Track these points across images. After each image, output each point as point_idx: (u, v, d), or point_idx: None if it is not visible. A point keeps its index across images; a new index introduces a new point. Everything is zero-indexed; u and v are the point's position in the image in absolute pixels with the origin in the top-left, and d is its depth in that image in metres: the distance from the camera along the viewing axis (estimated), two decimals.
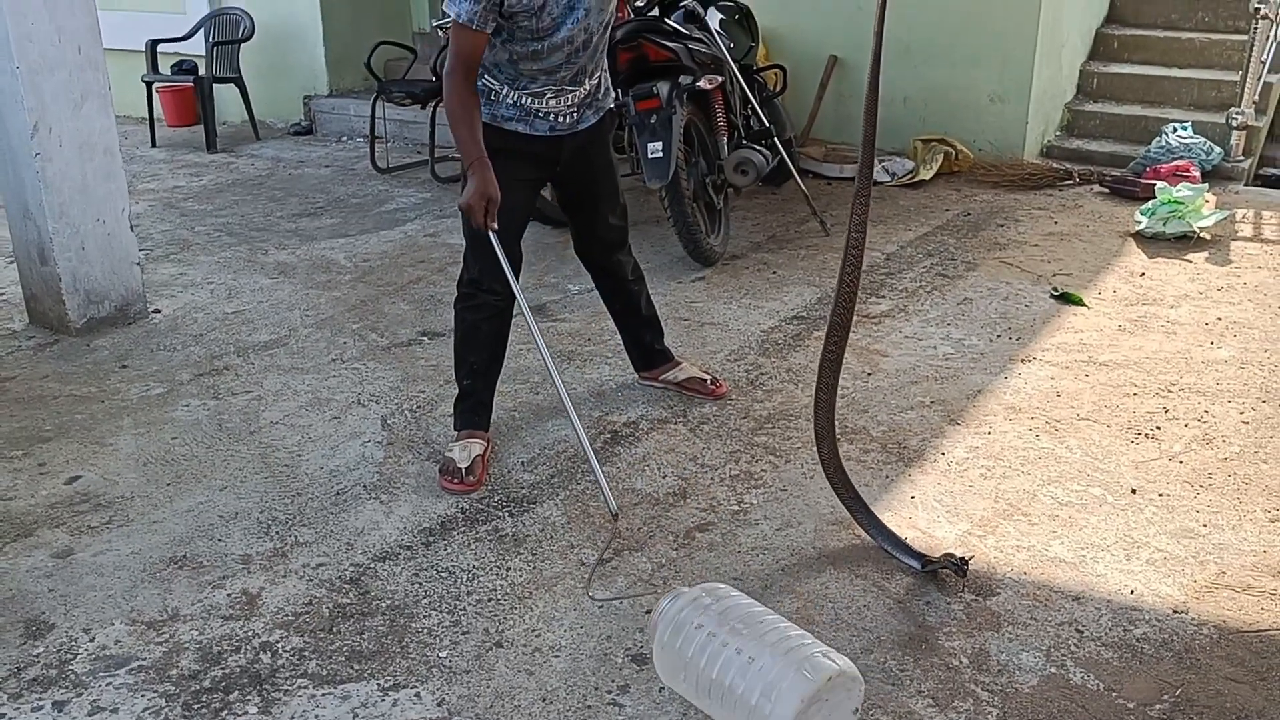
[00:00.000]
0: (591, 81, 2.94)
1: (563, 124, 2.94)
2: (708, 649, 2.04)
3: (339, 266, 4.83)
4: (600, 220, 3.19)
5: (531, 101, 2.88)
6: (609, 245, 3.25)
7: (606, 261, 3.29)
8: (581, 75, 2.89)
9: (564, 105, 2.91)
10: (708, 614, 2.09)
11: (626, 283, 3.33)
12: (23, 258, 4.07)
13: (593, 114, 3.00)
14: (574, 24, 2.75)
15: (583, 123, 2.98)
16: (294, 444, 3.20)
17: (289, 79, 7.87)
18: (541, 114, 2.90)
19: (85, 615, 2.42)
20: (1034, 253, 4.75)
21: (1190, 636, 2.30)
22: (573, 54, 2.82)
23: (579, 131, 2.98)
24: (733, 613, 2.09)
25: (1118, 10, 6.86)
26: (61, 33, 3.82)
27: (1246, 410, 3.28)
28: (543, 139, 2.93)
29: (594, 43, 2.85)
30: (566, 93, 2.89)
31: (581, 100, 2.94)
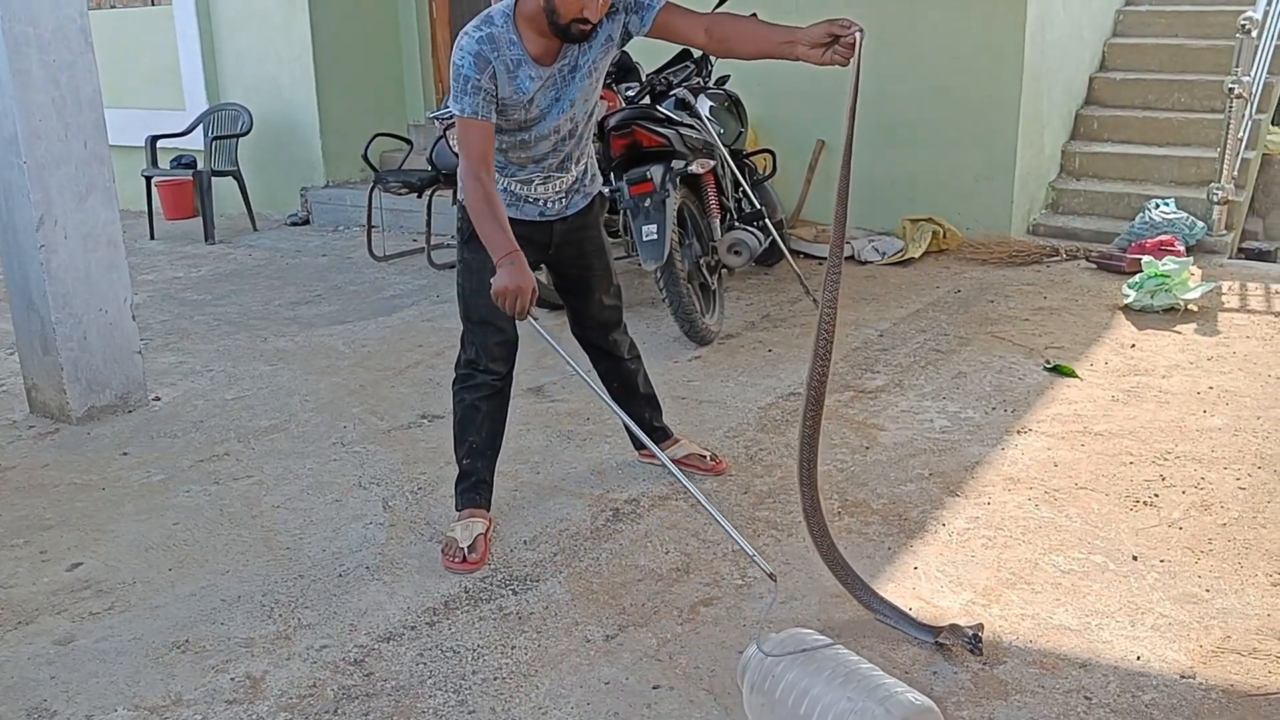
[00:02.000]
0: (578, 168, 3.02)
1: (552, 209, 3.02)
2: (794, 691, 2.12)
3: (338, 352, 4.87)
4: (595, 301, 3.25)
5: (520, 188, 2.96)
6: (605, 325, 3.31)
7: (603, 341, 3.33)
8: (568, 162, 2.97)
9: (551, 192, 2.99)
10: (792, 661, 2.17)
11: (624, 361, 3.37)
12: (25, 348, 4.11)
13: (581, 198, 3.07)
14: (559, 114, 2.84)
15: (571, 208, 3.05)
16: (295, 527, 3.21)
17: (286, 171, 8.02)
18: (530, 200, 2.98)
19: (88, 702, 2.40)
20: (1025, 327, 4.81)
21: (1199, 701, 2.29)
22: (559, 143, 2.90)
23: (568, 216, 3.05)
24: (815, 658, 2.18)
25: (1096, 93, 7.04)
26: (69, 129, 3.92)
27: (1243, 476, 3.31)
28: (532, 223, 3.00)
29: (579, 131, 2.94)
30: (553, 179, 2.97)
31: (569, 186, 3.01)
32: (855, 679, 2.09)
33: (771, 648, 2.22)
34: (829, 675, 2.11)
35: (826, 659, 2.16)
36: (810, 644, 2.22)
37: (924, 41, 6.22)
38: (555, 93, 2.82)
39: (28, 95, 3.79)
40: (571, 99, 2.84)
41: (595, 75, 2.87)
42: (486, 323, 3.00)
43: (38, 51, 3.80)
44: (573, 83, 2.82)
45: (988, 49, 6.06)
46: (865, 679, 2.09)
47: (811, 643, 2.22)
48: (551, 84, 2.80)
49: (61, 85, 3.87)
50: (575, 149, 2.97)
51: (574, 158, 2.99)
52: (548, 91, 2.80)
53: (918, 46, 6.22)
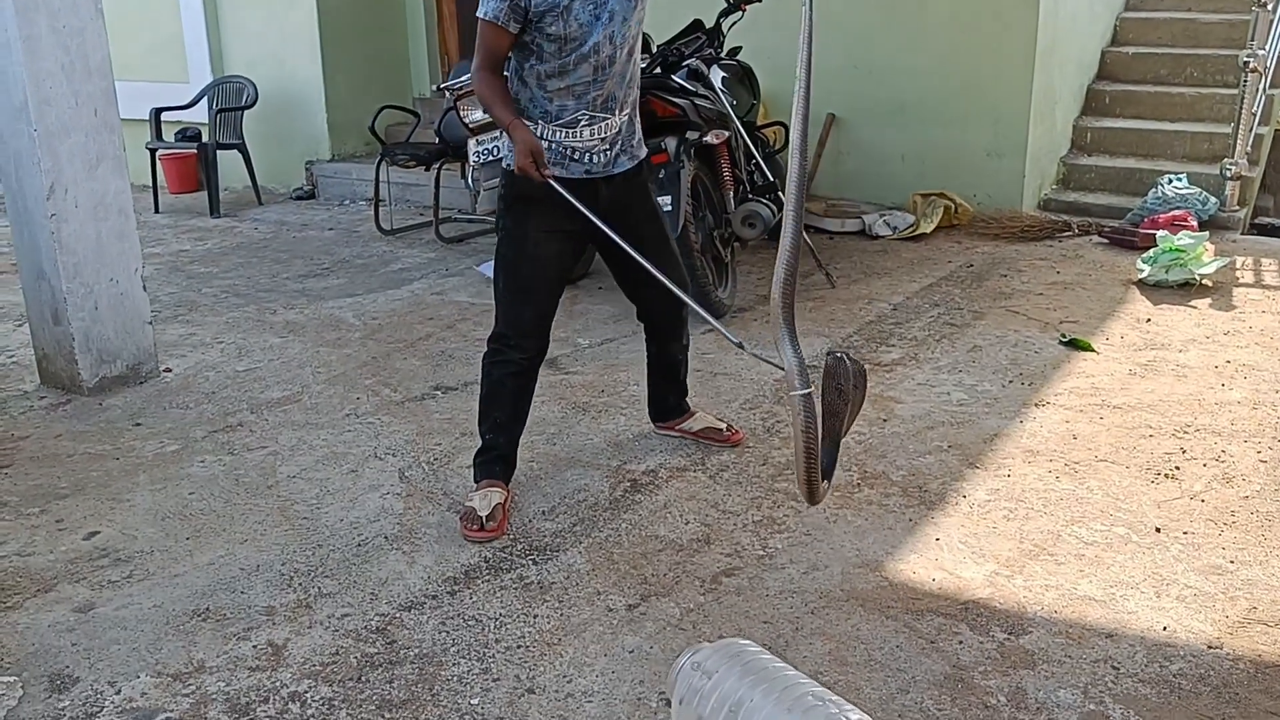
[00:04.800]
0: (623, 115, 2.95)
1: (597, 164, 2.94)
2: (722, 711, 1.99)
3: (348, 325, 4.85)
4: (653, 287, 3.00)
5: (566, 136, 2.88)
6: (665, 316, 3.23)
7: (662, 331, 3.28)
8: (611, 103, 2.89)
9: (596, 138, 2.90)
10: (726, 674, 2.03)
11: (674, 347, 3.31)
12: (36, 318, 4.08)
13: (627, 159, 3.01)
14: (599, 31, 2.77)
15: (617, 166, 2.98)
16: (312, 497, 3.19)
17: (291, 145, 7.96)
18: (576, 155, 2.91)
19: (110, 668, 2.39)
20: (1039, 301, 4.79)
21: (1227, 671, 2.29)
22: (599, 69, 2.82)
23: (614, 176, 2.98)
24: (750, 671, 2.05)
25: (1108, 67, 7.00)
26: (78, 97, 3.87)
27: (1264, 449, 3.29)
28: (578, 182, 2.90)
29: (620, 60, 2.85)
30: (598, 121, 2.89)
31: (614, 135, 2.94)
32: (792, 695, 1.92)
33: (704, 659, 2.05)
34: (764, 690, 1.93)
35: (762, 674, 1.99)
36: (745, 657, 2.04)
37: (935, 16, 6.16)
38: (595, 6, 2.76)
39: (37, 62, 3.74)
40: (611, 11, 2.78)
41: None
42: (525, 290, 2.97)
43: (47, 17, 3.75)
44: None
45: (999, 23, 6.01)
46: (803, 697, 1.92)
47: (747, 655, 2.05)
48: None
49: (71, 51, 3.82)
50: (617, 88, 2.89)
51: (617, 99, 2.90)
52: (587, 4, 2.75)
53: (929, 21, 6.17)
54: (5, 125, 3.85)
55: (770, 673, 2.03)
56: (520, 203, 2.93)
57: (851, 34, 6.30)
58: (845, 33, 6.28)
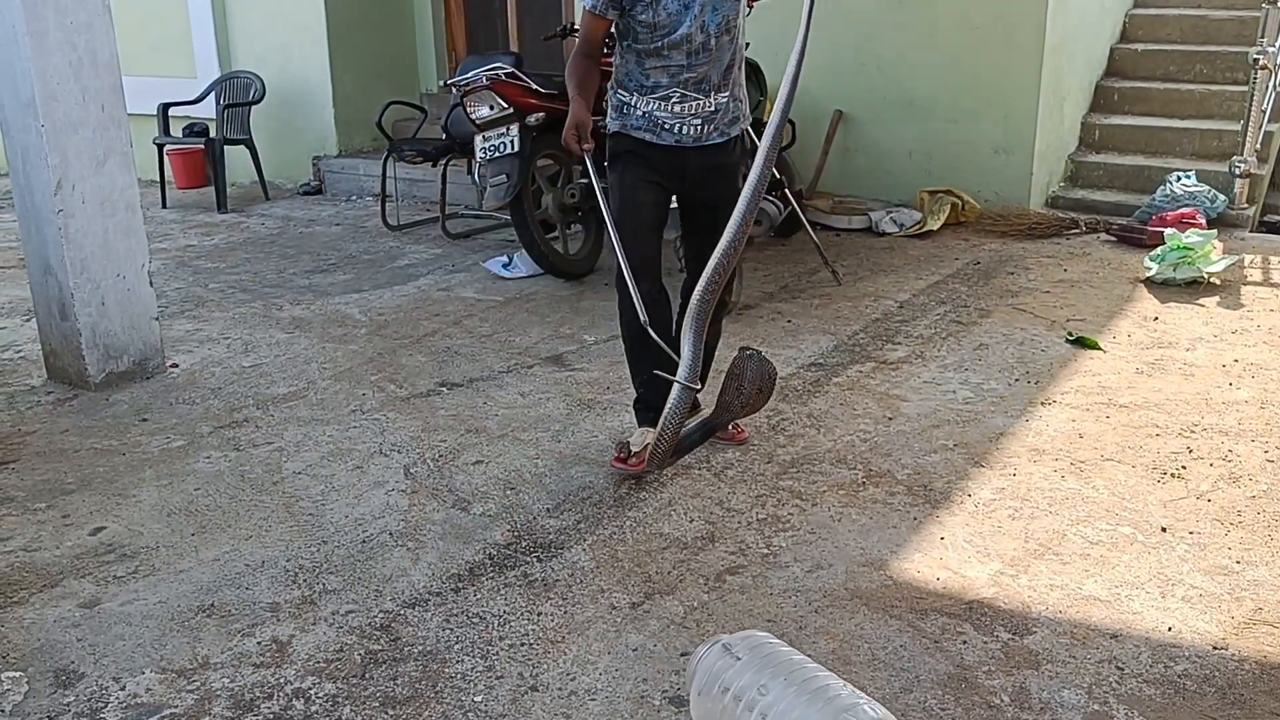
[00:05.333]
0: (719, 97, 3.04)
1: (687, 136, 3.05)
2: (742, 699, 2.00)
3: (354, 321, 4.85)
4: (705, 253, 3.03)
5: (658, 107, 3.02)
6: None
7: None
8: (706, 85, 3.01)
9: (687, 114, 3.03)
10: (746, 663, 2.04)
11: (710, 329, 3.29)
12: (43, 313, 4.09)
13: (718, 135, 3.09)
14: (690, 21, 2.91)
15: (707, 139, 3.07)
16: (317, 493, 3.20)
17: (298, 140, 7.97)
18: (668, 125, 3.04)
19: (115, 664, 2.40)
20: (1046, 299, 4.78)
21: (1232, 672, 2.28)
22: (692, 55, 2.95)
23: (704, 147, 3.08)
24: (771, 662, 2.06)
25: (1117, 64, 6.97)
26: (86, 92, 3.88)
27: (1271, 449, 3.28)
28: (667, 148, 3.07)
29: (713, 47, 2.96)
30: (690, 100, 3.02)
31: (707, 114, 3.04)
32: (810, 687, 1.95)
33: (734, 642, 2.08)
34: (783, 682, 1.96)
35: (781, 665, 2.02)
36: (765, 649, 2.07)
37: (944, 13, 6.15)
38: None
39: (44, 57, 3.75)
40: (701, 3, 2.90)
41: None
42: (630, 230, 3.13)
43: (54, 13, 3.75)
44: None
45: (1008, 20, 5.99)
46: (821, 688, 1.94)
47: (766, 647, 2.08)
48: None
49: (79, 47, 3.83)
50: (712, 71, 3.00)
51: (711, 81, 3.01)
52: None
53: (937, 18, 6.16)
54: (13, 121, 3.86)
55: (794, 663, 2.05)
56: (617, 158, 3.16)
57: (860, 30, 6.28)
58: (854, 29, 6.27)
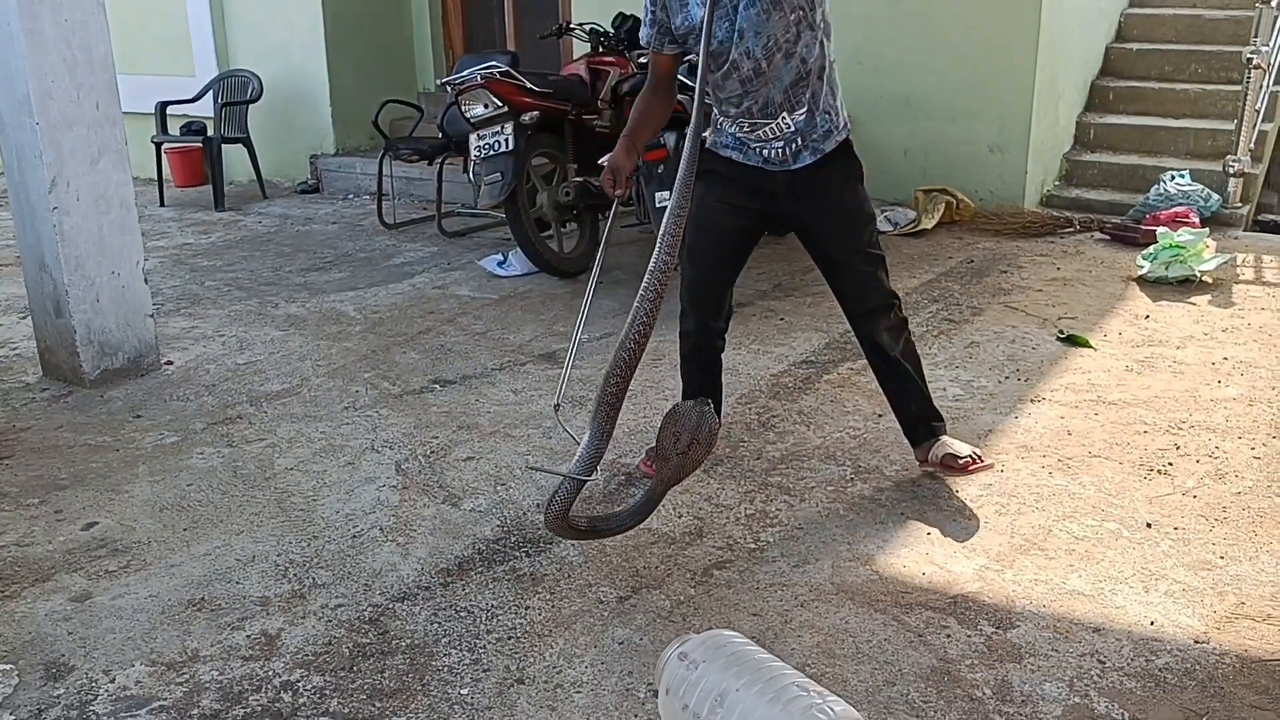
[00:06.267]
0: (794, 116, 2.80)
1: (775, 159, 2.87)
2: (708, 701, 2.01)
3: (349, 318, 4.87)
4: (841, 275, 2.98)
5: (739, 131, 2.87)
6: (860, 311, 3.02)
7: (862, 329, 3.07)
8: (770, 108, 2.78)
9: (766, 138, 2.83)
10: (704, 671, 2.04)
11: (885, 353, 3.06)
12: (38, 310, 4.11)
13: (809, 154, 2.85)
14: (736, 49, 2.71)
15: (798, 161, 2.86)
16: (309, 489, 3.21)
17: (296, 139, 7.99)
18: (752, 145, 2.87)
19: (105, 657, 2.42)
20: (1038, 298, 4.79)
21: (1213, 666, 2.29)
22: (745, 81, 2.75)
23: (794, 170, 2.87)
24: (732, 664, 2.05)
25: (1112, 63, 6.99)
26: (81, 90, 3.90)
27: (1257, 446, 3.30)
28: (755, 169, 2.89)
29: (765, 70, 2.73)
30: (759, 125, 2.82)
31: (786, 134, 2.83)
32: (772, 688, 1.95)
33: (691, 649, 2.08)
34: (748, 681, 1.97)
35: (747, 664, 2.02)
36: (731, 648, 2.07)
37: (940, 11, 6.16)
38: (730, 23, 2.70)
39: (40, 55, 3.77)
40: (740, 29, 2.69)
41: (765, 6, 2.66)
42: (691, 252, 3.01)
43: (50, 10, 3.77)
44: (739, 12, 2.68)
45: (1004, 19, 6.01)
46: (782, 688, 1.94)
47: (732, 646, 2.08)
48: (725, 14, 2.69)
49: (74, 45, 3.85)
50: (773, 92, 2.76)
51: (775, 103, 2.78)
52: (721, 22, 2.70)
53: (933, 16, 6.17)
54: (8, 118, 3.88)
55: (755, 663, 2.05)
56: (703, 176, 2.93)
57: (856, 29, 6.29)
58: (851, 28, 6.26)
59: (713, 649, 2.08)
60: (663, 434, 2.51)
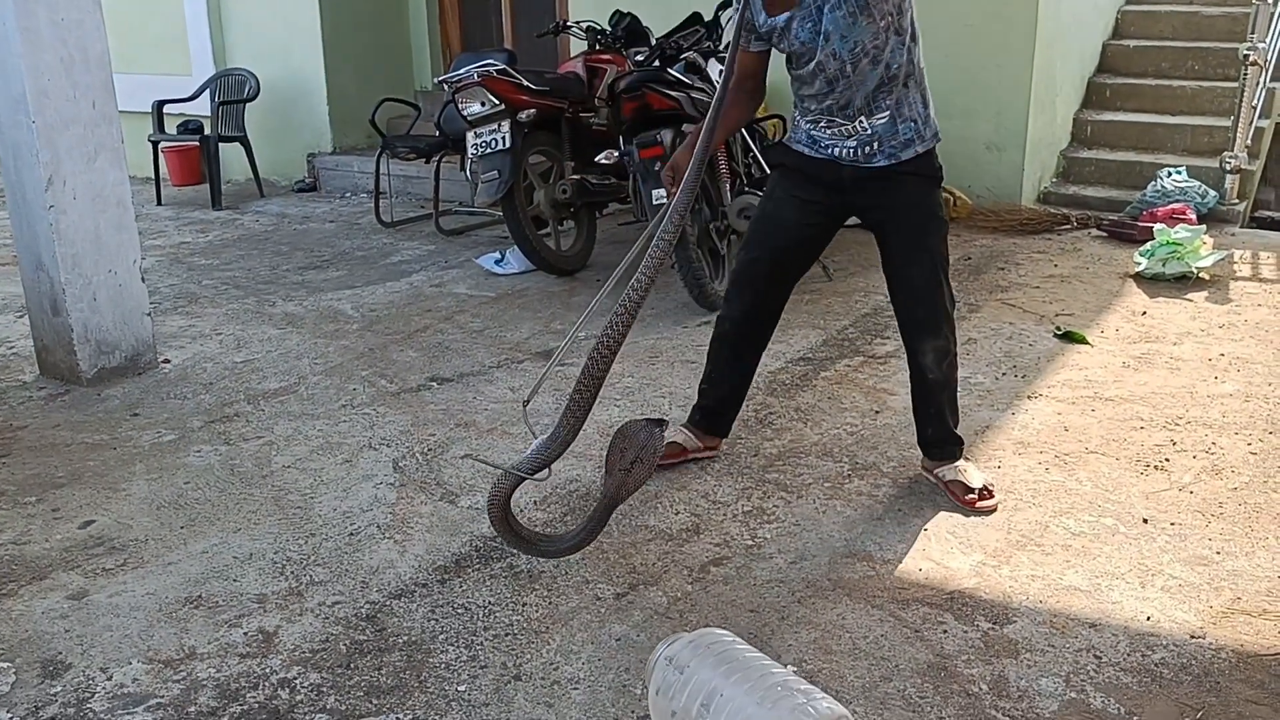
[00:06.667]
0: (873, 120, 2.78)
1: (846, 157, 2.85)
2: (695, 705, 2.01)
3: (346, 316, 4.87)
4: (899, 283, 2.95)
5: (813, 128, 2.88)
6: (910, 320, 2.96)
7: (908, 339, 3.00)
8: (850, 109, 2.78)
9: (840, 136, 2.82)
10: (691, 672, 2.04)
11: (921, 360, 2.97)
12: (35, 309, 4.11)
13: (883, 158, 2.82)
14: (821, 49, 2.71)
15: (868, 162, 2.83)
16: (306, 487, 3.21)
17: (293, 137, 7.99)
18: (824, 144, 2.87)
19: (102, 655, 2.42)
20: (1035, 294, 4.80)
21: (1209, 660, 2.30)
22: (831, 81, 2.75)
23: (864, 169, 2.84)
24: (720, 664, 2.05)
25: (1109, 60, 6.99)
26: (77, 89, 3.89)
27: (1254, 441, 3.30)
28: (822, 160, 2.88)
29: (850, 73, 2.72)
30: (837, 125, 2.82)
31: (862, 136, 2.80)
32: (761, 687, 1.94)
33: (676, 652, 2.08)
34: (736, 681, 1.97)
35: (735, 664, 2.02)
36: (719, 647, 2.07)
37: (936, 9, 6.14)
38: (814, 24, 2.70)
39: (36, 54, 3.76)
40: (825, 31, 2.68)
41: (852, 10, 2.65)
42: (751, 241, 3.06)
43: (46, 9, 3.77)
44: (824, 14, 2.68)
45: (1000, 15, 6.01)
46: (774, 686, 1.94)
47: (720, 646, 2.08)
48: (809, 15, 2.70)
49: (69, 44, 3.84)
50: (855, 95, 2.75)
51: (855, 106, 2.77)
52: (805, 22, 2.71)
53: (929, 13, 6.11)
54: (4, 117, 3.87)
55: (743, 663, 2.05)
56: (775, 168, 3.08)
57: None
58: None
59: (701, 649, 2.08)
60: (612, 449, 2.47)
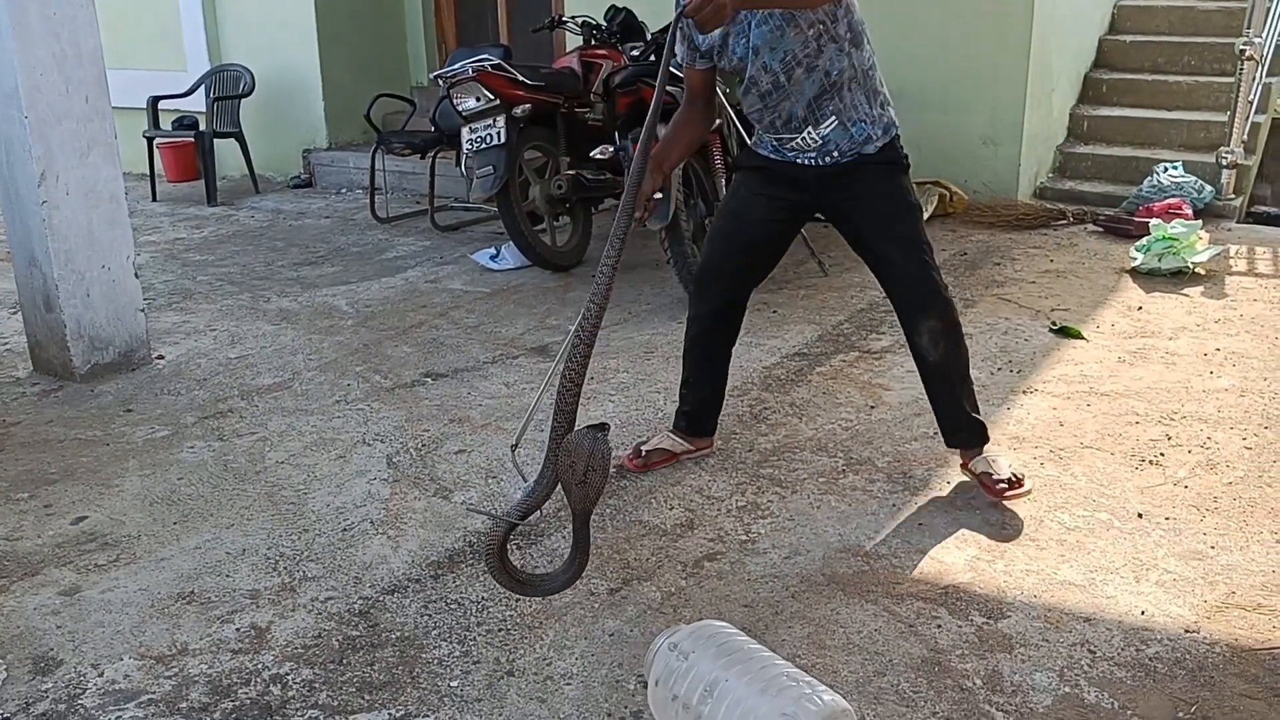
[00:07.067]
0: (821, 129, 2.76)
1: (811, 163, 2.84)
2: (690, 708, 2.01)
3: (341, 312, 4.86)
4: (880, 270, 2.92)
5: (771, 140, 2.87)
6: (900, 305, 2.94)
7: (903, 324, 2.97)
8: (794, 122, 2.76)
9: (797, 147, 2.81)
10: (694, 660, 2.04)
11: (919, 341, 2.93)
12: (28, 305, 4.10)
13: (847, 156, 2.81)
14: (753, 64, 2.69)
15: (831, 163, 2.82)
16: (300, 482, 3.21)
17: (288, 133, 7.97)
18: (785, 152, 2.85)
19: (94, 651, 2.41)
20: (1031, 289, 4.79)
21: (1203, 655, 2.29)
22: (764, 96, 2.74)
23: (826, 165, 2.82)
24: (722, 654, 2.05)
25: (1105, 55, 6.99)
26: (69, 83, 3.88)
27: (1249, 436, 3.30)
28: (786, 162, 2.87)
29: (784, 84, 2.70)
30: (786, 138, 2.81)
31: (816, 146, 2.79)
32: (763, 678, 1.94)
33: (680, 640, 2.08)
34: (739, 671, 1.96)
35: (737, 655, 2.01)
36: (721, 638, 2.07)
37: (931, 3, 6.15)
38: (746, 40, 2.68)
39: (28, 49, 3.75)
40: (754, 46, 2.67)
41: (778, 23, 2.63)
42: (713, 239, 3.07)
43: (38, 4, 3.75)
44: (752, 29, 2.67)
45: (997, 10, 6.00)
46: (773, 678, 1.94)
47: (722, 637, 2.08)
48: (741, 31, 2.68)
49: (62, 39, 3.83)
50: (795, 107, 2.73)
51: (797, 117, 2.75)
52: (739, 39, 2.69)
53: (926, 8, 6.16)
54: None
55: (745, 654, 2.05)
56: (740, 170, 3.08)
57: None
58: None
59: (703, 639, 2.08)
60: (561, 468, 2.41)
